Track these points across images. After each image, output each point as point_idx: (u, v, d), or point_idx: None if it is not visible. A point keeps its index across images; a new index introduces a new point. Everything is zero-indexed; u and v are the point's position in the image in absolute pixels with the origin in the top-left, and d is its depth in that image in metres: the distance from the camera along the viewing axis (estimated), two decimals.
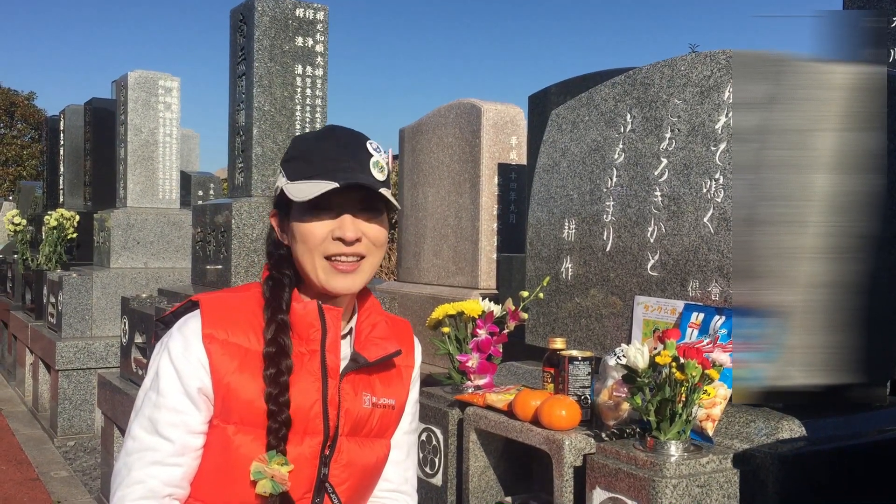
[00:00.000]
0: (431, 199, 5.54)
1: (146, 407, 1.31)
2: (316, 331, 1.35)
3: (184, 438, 1.29)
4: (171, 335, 1.34)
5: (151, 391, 1.31)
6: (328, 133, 1.39)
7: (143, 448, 1.29)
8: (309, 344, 1.35)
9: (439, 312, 2.73)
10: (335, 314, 1.37)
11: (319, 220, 1.32)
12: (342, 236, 1.32)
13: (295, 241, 1.35)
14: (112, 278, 5.99)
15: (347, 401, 1.37)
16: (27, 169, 23.84)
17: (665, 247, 2.49)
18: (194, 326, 1.32)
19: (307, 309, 1.35)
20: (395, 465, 1.50)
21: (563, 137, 2.98)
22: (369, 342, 1.41)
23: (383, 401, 1.42)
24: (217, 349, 1.30)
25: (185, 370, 1.29)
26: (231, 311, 1.35)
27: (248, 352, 1.31)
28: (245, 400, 1.29)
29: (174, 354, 1.31)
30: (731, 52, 2.36)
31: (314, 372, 1.34)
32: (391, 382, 1.45)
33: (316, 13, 4.51)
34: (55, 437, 5.53)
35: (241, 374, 1.30)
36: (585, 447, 2.08)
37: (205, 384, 1.29)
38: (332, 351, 1.36)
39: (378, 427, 1.42)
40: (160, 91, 6.45)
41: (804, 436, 2.02)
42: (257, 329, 1.33)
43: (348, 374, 1.38)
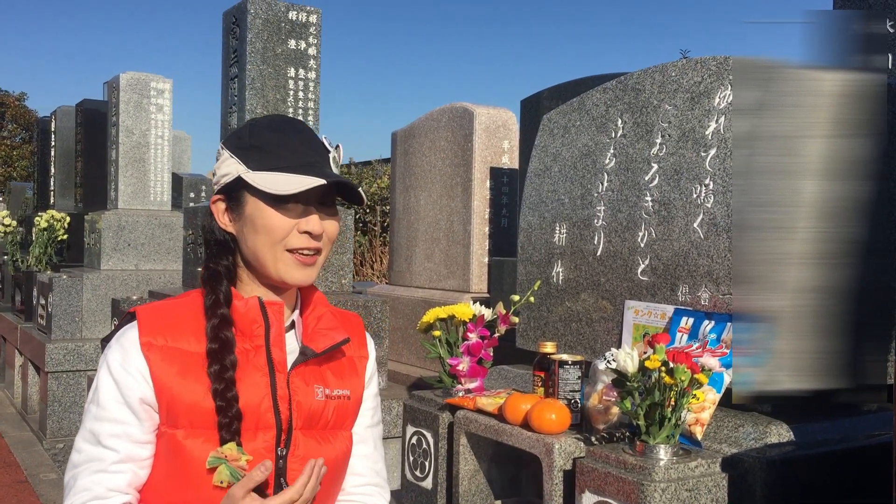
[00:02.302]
0: (423, 203, 5.55)
1: (88, 420, 1.30)
2: (259, 326, 1.34)
3: (128, 448, 1.29)
4: (110, 347, 1.32)
5: (92, 404, 1.31)
6: (285, 125, 1.38)
7: (88, 459, 1.29)
8: (253, 340, 1.34)
9: (430, 316, 2.74)
10: (277, 308, 1.36)
11: (286, 213, 1.31)
12: (310, 230, 1.31)
13: (253, 232, 1.33)
14: (102, 280, 5.97)
15: (298, 394, 1.36)
16: (17, 170, 23.73)
17: (655, 252, 2.50)
18: (132, 336, 1.30)
19: (248, 305, 1.34)
20: (364, 459, 1.49)
21: (554, 142, 2.99)
22: (317, 334, 1.41)
23: (337, 392, 1.41)
24: (156, 356, 1.29)
25: (125, 381, 1.28)
26: (169, 316, 1.34)
27: (191, 354, 1.30)
28: (190, 402, 1.27)
29: (113, 366, 1.29)
30: (721, 58, 2.38)
31: (261, 367, 1.33)
32: (344, 373, 1.44)
33: (309, 16, 4.51)
34: (44, 440, 5.50)
35: (185, 377, 1.29)
36: (575, 451, 2.08)
37: (146, 394, 1.28)
38: (277, 345, 1.35)
39: (335, 419, 1.41)
40: (152, 93, 6.43)
41: (792, 440, 2.03)
42: (199, 331, 1.32)
43: (297, 367, 1.37)
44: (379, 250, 12.06)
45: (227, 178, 1.35)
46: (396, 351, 5.31)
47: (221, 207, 1.38)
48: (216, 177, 1.38)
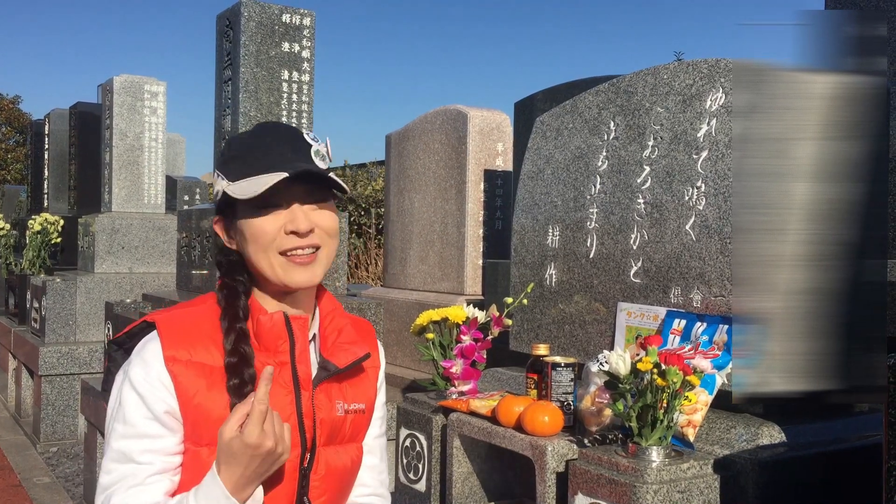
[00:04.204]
0: (418, 205, 5.55)
1: (114, 440, 1.26)
2: (284, 342, 1.32)
3: (161, 460, 1.26)
4: (131, 362, 1.29)
5: (117, 423, 1.26)
6: (263, 130, 1.37)
7: (120, 478, 1.25)
8: (278, 356, 1.32)
9: (424, 318, 2.74)
10: (302, 323, 1.35)
11: (269, 216, 1.29)
12: (295, 229, 1.29)
13: (246, 242, 1.31)
14: (96, 283, 5.96)
15: (322, 411, 1.35)
16: (11, 173, 23.66)
17: (648, 254, 2.51)
18: (154, 349, 1.27)
19: (273, 321, 1.32)
20: (371, 470, 1.49)
21: (547, 144, 2.99)
22: (337, 348, 1.39)
23: (354, 406, 1.40)
24: (181, 371, 1.26)
25: (150, 394, 1.25)
26: (189, 328, 1.31)
27: (214, 369, 1.28)
28: (216, 418, 1.25)
29: (136, 381, 1.26)
30: (712, 60, 2.38)
31: (286, 384, 1.32)
32: (360, 386, 1.44)
33: (302, 19, 4.51)
34: (38, 443, 5.49)
35: (210, 392, 1.26)
36: (568, 453, 2.08)
37: (171, 406, 1.26)
38: (303, 361, 1.34)
39: (350, 432, 1.41)
40: (146, 95, 6.43)
41: (784, 441, 2.03)
42: (219, 343, 1.30)
43: (321, 384, 1.36)
44: (373, 252, 12.06)
45: (218, 196, 1.35)
46: (391, 353, 5.31)
47: (221, 227, 1.38)
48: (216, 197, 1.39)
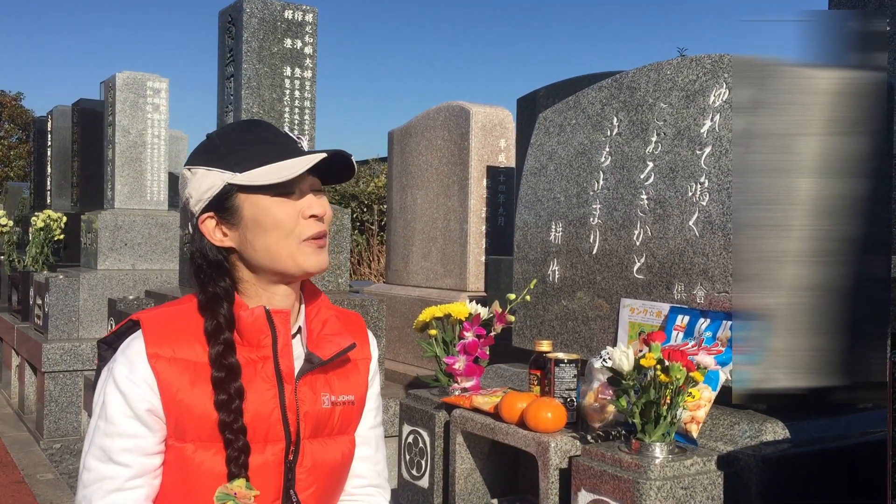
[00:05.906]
0: (420, 202, 5.54)
1: (97, 436, 1.27)
2: (266, 336, 1.32)
3: (140, 462, 1.26)
4: (115, 360, 1.30)
5: (100, 420, 1.27)
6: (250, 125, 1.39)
7: (99, 478, 1.26)
8: (260, 350, 1.32)
9: (426, 315, 2.74)
10: (283, 317, 1.35)
11: (288, 203, 1.30)
12: (316, 213, 1.32)
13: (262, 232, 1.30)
14: (99, 280, 5.96)
15: (306, 403, 1.35)
16: (14, 170, 23.68)
17: (651, 250, 2.50)
18: (137, 347, 1.28)
19: (255, 315, 1.32)
20: (365, 461, 1.49)
21: (550, 140, 2.99)
22: (322, 340, 1.39)
23: (342, 398, 1.40)
24: (164, 367, 1.26)
25: (132, 393, 1.26)
26: (173, 325, 1.31)
27: (198, 365, 1.28)
28: (200, 414, 1.26)
29: (119, 379, 1.27)
30: (715, 56, 2.37)
31: (269, 378, 1.32)
32: (348, 377, 1.43)
33: (305, 15, 4.51)
34: (41, 440, 5.49)
35: (194, 387, 1.27)
36: (571, 449, 2.08)
37: (154, 405, 1.26)
38: (285, 355, 1.34)
39: (340, 424, 1.40)
40: (148, 92, 6.42)
41: (788, 438, 2.03)
42: (203, 340, 1.30)
43: (304, 376, 1.36)
44: (376, 249, 12.06)
45: (212, 191, 1.32)
46: (393, 350, 5.31)
47: (212, 224, 1.35)
48: (194, 197, 1.34)
